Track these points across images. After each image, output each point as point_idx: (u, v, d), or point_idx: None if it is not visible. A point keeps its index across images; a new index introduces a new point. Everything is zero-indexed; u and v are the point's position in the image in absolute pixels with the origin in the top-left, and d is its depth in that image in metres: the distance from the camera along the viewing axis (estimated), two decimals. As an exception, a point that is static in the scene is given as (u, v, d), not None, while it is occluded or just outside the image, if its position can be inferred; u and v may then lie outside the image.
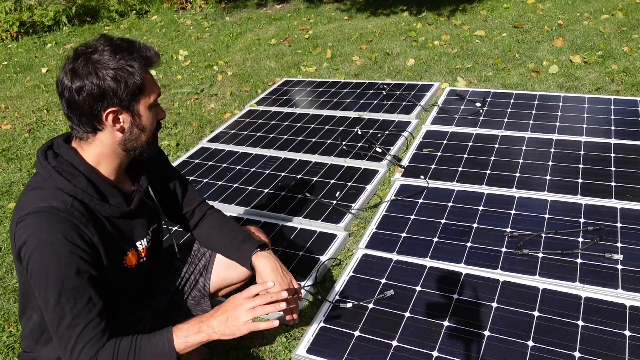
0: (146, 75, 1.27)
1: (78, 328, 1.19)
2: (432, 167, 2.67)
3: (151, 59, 1.28)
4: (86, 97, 1.21)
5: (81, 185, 1.25)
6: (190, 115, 3.81)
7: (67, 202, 1.21)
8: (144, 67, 1.26)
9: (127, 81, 1.22)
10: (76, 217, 1.21)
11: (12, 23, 6.39)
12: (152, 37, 5.98)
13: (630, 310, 1.73)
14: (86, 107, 1.22)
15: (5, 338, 1.99)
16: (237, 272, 1.68)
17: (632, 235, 2.05)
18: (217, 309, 1.31)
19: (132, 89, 1.24)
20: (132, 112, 1.27)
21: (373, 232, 2.27)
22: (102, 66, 1.20)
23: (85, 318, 1.20)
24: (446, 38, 4.54)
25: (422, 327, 1.78)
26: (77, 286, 1.19)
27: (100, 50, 1.22)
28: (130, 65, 1.23)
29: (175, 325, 1.28)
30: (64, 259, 1.18)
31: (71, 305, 1.19)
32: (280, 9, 6.51)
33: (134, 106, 1.27)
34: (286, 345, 1.83)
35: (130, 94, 1.24)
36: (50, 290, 1.18)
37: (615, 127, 2.81)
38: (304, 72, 4.35)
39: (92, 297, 1.21)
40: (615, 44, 3.89)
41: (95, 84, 1.20)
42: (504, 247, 2.08)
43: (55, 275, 1.17)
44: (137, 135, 1.30)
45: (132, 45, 1.26)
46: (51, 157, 1.27)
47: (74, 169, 1.26)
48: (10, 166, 3.35)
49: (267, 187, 2.71)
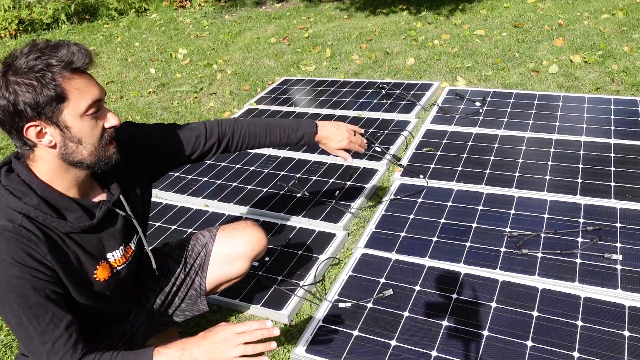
0: (70, 81, 1.13)
1: (47, 346, 1.16)
2: (431, 167, 2.67)
3: (74, 62, 1.13)
4: (4, 114, 1.12)
5: (32, 202, 1.17)
6: (189, 113, 3.80)
7: (16, 221, 1.15)
8: (65, 72, 1.13)
9: (42, 91, 1.10)
10: (24, 236, 1.14)
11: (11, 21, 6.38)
12: (151, 36, 5.97)
13: (630, 311, 1.73)
14: (7, 124, 1.14)
15: (3, 336, 1.98)
16: (236, 266, 1.66)
17: (631, 236, 2.05)
18: (202, 336, 1.23)
19: (47, 99, 1.11)
20: (57, 124, 1.15)
21: (372, 231, 2.27)
22: (15, 77, 1.10)
23: (52, 335, 1.17)
24: (446, 37, 4.53)
25: (421, 326, 1.77)
26: (35, 304, 1.15)
27: (18, 58, 1.11)
28: (44, 74, 1.10)
29: (156, 348, 1.23)
30: (15, 280, 1.13)
31: (34, 324, 1.15)
32: (279, 8, 6.50)
33: (57, 118, 1.14)
34: (285, 345, 1.82)
35: (47, 105, 1.12)
36: (9, 312, 1.14)
37: (615, 127, 2.80)
38: (303, 71, 4.34)
39: (55, 312, 1.17)
40: (615, 43, 3.89)
41: (6, 99, 1.10)
42: (503, 247, 2.07)
43: (10, 297, 1.13)
44: (74, 149, 1.19)
45: (54, 49, 1.13)
46: (3, 176, 1.20)
47: (25, 186, 1.19)
48: (8, 164, 3.34)
49: (266, 186, 2.71)
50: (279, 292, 2.01)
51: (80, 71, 1.16)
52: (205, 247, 1.67)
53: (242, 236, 1.66)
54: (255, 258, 1.69)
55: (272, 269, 2.13)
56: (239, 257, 1.65)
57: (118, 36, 6.10)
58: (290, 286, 2.03)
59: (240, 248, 1.65)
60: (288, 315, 1.90)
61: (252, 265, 2.16)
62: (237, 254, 1.65)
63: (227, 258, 1.66)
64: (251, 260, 1.68)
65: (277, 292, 2.01)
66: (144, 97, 4.23)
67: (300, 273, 2.09)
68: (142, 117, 3.81)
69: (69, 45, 1.15)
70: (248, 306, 1.97)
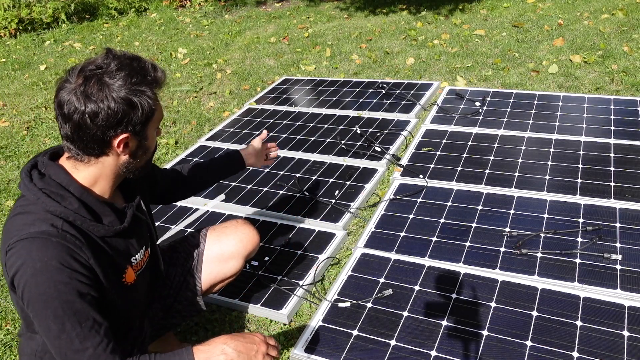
0: (156, 97, 1.22)
1: (88, 352, 1.15)
2: (431, 167, 2.67)
3: (160, 80, 1.22)
4: (100, 123, 1.14)
5: (72, 207, 1.18)
6: (189, 113, 3.80)
7: (58, 225, 1.15)
8: (154, 89, 1.20)
9: (142, 107, 1.17)
10: (69, 241, 1.14)
11: (11, 20, 6.37)
12: (151, 35, 5.96)
13: (629, 311, 1.73)
14: (98, 133, 1.16)
15: (2, 336, 1.98)
16: (229, 265, 1.66)
17: (631, 236, 2.05)
18: (236, 336, 1.30)
19: (146, 114, 1.19)
20: (141, 136, 1.23)
21: (372, 231, 2.27)
22: (116, 90, 1.14)
23: (93, 341, 1.15)
24: (446, 37, 4.53)
25: (420, 326, 1.77)
26: (79, 310, 1.14)
27: (111, 71, 1.15)
28: (143, 90, 1.17)
29: (195, 346, 1.25)
30: (62, 286, 1.12)
31: (77, 330, 1.14)
32: (279, 7, 6.50)
33: (144, 130, 1.22)
34: (284, 344, 1.82)
35: (143, 119, 1.19)
36: (52, 318, 1.13)
37: (614, 127, 2.80)
38: (303, 70, 4.34)
39: (96, 319, 1.17)
40: (615, 43, 3.89)
41: (111, 110, 1.14)
42: (503, 247, 2.07)
43: (54, 303, 1.12)
44: (140, 158, 1.27)
45: (142, 66, 1.19)
46: (37, 178, 1.19)
47: (63, 189, 1.19)
48: (8, 164, 3.34)
49: (265, 186, 2.71)
50: (278, 292, 2.01)
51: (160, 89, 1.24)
52: (197, 247, 1.67)
53: (234, 235, 1.66)
54: (249, 256, 1.69)
55: (271, 269, 2.13)
56: (232, 255, 1.65)
57: (118, 35, 6.10)
58: (289, 286, 2.03)
59: (233, 247, 1.65)
60: (287, 315, 1.90)
61: (252, 264, 2.16)
62: (230, 253, 1.65)
63: (220, 257, 1.65)
64: (244, 258, 1.67)
65: (277, 291, 2.01)
66: (144, 96, 4.22)
67: (299, 273, 2.09)
68: (142, 117, 3.81)
69: (148, 61, 1.22)
70: (247, 306, 1.97)
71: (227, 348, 1.24)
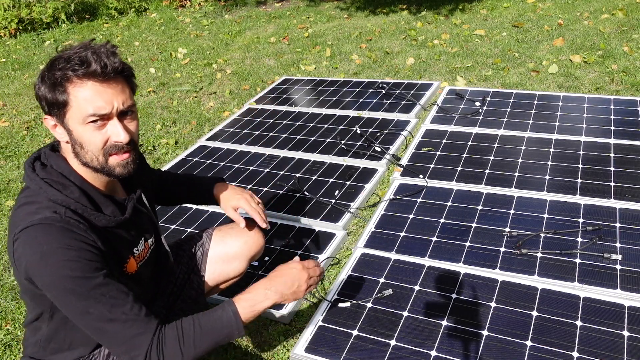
0: (80, 87, 1.14)
1: (121, 318, 1.15)
2: (431, 167, 2.67)
3: (92, 71, 1.13)
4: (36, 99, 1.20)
5: (74, 195, 1.19)
6: (189, 113, 3.80)
7: (61, 212, 1.15)
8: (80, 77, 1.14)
9: (52, 92, 1.15)
10: (73, 225, 1.15)
11: (11, 20, 6.37)
12: (151, 35, 5.97)
13: (629, 311, 1.73)
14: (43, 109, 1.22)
15: (2, 336, 1.98)
16: (233, 266, 1.66)
17: (631, 236, 2.05)
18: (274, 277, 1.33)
19: (52, 101, 1.16)
20: (63, 125, 1.18)
21: (372, 231, 2.27)
22: (47, 73, 1.16)
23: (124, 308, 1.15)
24: (446, 37, 4.53)
25: (420, 326, 1.77)
26: (98, 284, 1.14)
27: (61, 56, 1.16)
28: (60, 76, 1.13)
29: (235, 297, 1.28)
30: (73, 263, 1.11)
31: (103, 301, 1.13)
32: (279, 7, 6.50)
33: (62, 119, 1.17)
34: (284, 344, 1.82)
35: (54, 106, 1.16)
36: (73, 298, 1.12)
37: (614, 127, 2.80)
38: (303, 70, 4.34)
39: (119, 288, 1.17)
40: (615, 43, 3.89)
41: (36, 89, 1.18)
42: (503, 247, 2.07)
43: (71, 283, 1.11)
44: (79, 151, 1.20)
45: (84, 53, 1.14)
46: (39, 169, 1.21)
47: (64, 178, 1.20)
48: (8, 163, 3.34)
49: (265, 186, 2.71)
50: (278, 292, 2.00)
51: (100, 78, 1.15)
52: (202, 247, 1.67)
53: (239, 236, 1.66)
54: (253, 258, 1.69)
55: (271, 269, 2.13)
56: (236, 256, 1.65)
57: (118, 35, 6.10)
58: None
59: (237, 248, 1.65)
60: (288, 315, 1.90)
61: (252, 264, 2.16)
62: (234, 254, 1.65)
63: (224, 258, 1.66)
64: (248, 260, 1.67)
65: (277, 291, 2.01)
66: (144, 96, 4.23)
67: (299, 273, 2.09)
68: (142, 117, 3.81)
69: (100, 50, 1.16)
70: (247, 306, 1.97)
71: (269, 292, 1.28)
